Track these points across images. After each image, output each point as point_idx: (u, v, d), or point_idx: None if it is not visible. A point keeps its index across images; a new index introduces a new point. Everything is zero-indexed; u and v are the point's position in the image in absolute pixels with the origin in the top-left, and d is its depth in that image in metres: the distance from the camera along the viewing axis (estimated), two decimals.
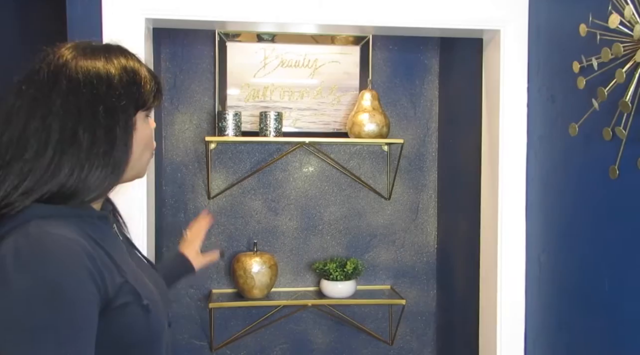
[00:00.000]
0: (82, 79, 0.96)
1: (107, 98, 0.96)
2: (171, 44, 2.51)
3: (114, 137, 0.96)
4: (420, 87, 2.66)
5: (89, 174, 0.95)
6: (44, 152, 0.93)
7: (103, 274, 0.91)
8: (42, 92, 0.95)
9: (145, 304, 0.97)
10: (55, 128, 0.93)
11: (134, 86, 1.00)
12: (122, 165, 0.99)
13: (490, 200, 2.01)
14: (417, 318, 2.70)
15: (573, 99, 1.60)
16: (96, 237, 0.96)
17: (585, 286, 1.57)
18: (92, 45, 1.02)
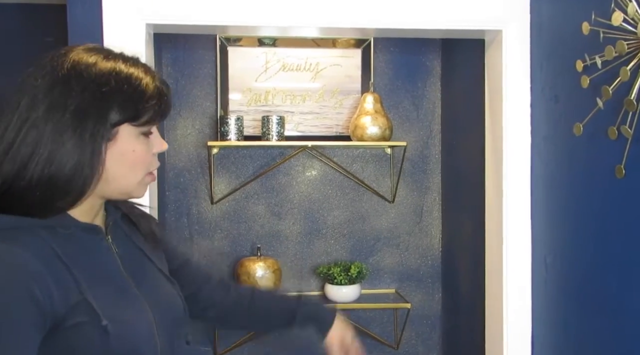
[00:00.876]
0: (65, 71, 0.92)
1: (81, 96, 0.91)
2: (173, 49, 2.51)
3: (79, 137, 0.91)
4: (423, 89, 2.65)
5: (50, 168, 0.90)
6: (8, 132, 0.91)
7: (52, 291, 0.86)
8: (32, 75, 0.93)
9: (103, 325, 0.90)
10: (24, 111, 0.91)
11: (121, 95, 0.94)
12: (90, 170, 0.92)
13: (495, 202, 2.00)
14: (422, 322, 2.69)
15: (577, 98, 1.59)
16: (62, 250, 0.90)
17: (592, 288, 1.56)
18: (107, 50, 0.99)
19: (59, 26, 2.11)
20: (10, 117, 0.91)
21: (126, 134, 0.95)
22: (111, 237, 1.03)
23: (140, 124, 0.96)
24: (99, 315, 0.90)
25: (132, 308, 0.97)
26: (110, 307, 0.92)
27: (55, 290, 0.87)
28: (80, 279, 0.90)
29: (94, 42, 1.73)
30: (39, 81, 0.92)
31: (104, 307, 0.91)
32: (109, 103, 0.93)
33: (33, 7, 2.32)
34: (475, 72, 2.20)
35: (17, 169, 0.89)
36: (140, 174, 0.99)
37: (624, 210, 1.41)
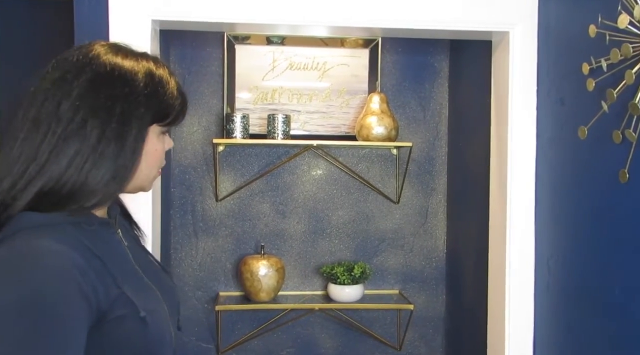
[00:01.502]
0: (106, 75, 0.93)
1: (127, 100, 0.93)
2: (180, 45, 2.51)
3: (123, 141, 0.93)
4: (430, 90, 2.64)
5: (89, 173, 0.91)
6: (49, 136, 0.90)
7: (96, 286, 0.88)
8: (65, 78, 0.93)
9: (142, 316, 0.93)
10: (67, 115, 0.91)
11: (157, 97, 0.97)
12: (126, 173, 0.95)
13: (499, 204, 1.99)
14: (425, 323, 2.68)
15: (582, 101, 1.58)
16: (93, 246, 0.92)
17: (595, 291, 1.54)
18: (127, 48, 1.00)
19: (66, 21, 2.12)
20: (53, 116, 0.91)
21: (153, 134, 0.99)
22: (120, 230, 1.06)
23: (166, 124, 1.01)
24: (137, 307, 0.93)
25: (153, 298, 1.00)
26: (141, 299, 0.95)
27: (98, 285, 0.88)
28: (114, 273, 0.92)
29: (100, 37, 1.75)
30: (75, 84, 0.92)
31: (138, 300, 0.94)
32: (148, 106, 0.96)
33: (40, 3, 2.33)
34: (482, 74, 2.19)
35: (62, 169, 0.90)
36: (156, 170, 1.04)
37: (627, 214, 1.40)
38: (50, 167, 0.90)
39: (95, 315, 0.88)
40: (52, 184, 0.91)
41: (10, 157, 0.91)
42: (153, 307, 0.98)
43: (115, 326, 0.91)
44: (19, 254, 0.85)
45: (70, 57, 0.96)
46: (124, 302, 0.92)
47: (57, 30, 2.32)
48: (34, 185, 0.90)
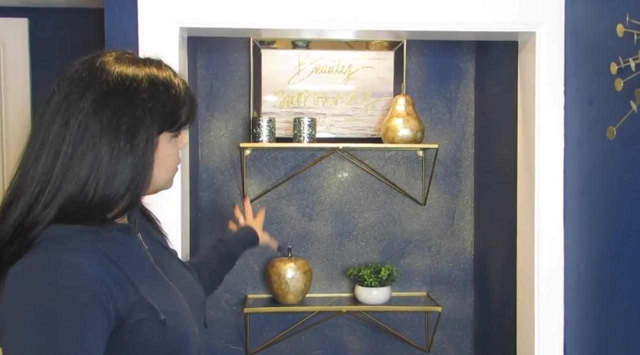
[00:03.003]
0: (110, 92, 0.94)
1: (133, 115, 0.94)
2: (207, 51, 2.55)
3: (133, 154, 0.95)
4: (456, 92, 2.64)
5: (105, 188, 0.93)
6: (61, 157, 0.92)
7: (114, 294, 0.90)
8: (70, 98, 0.94)
9: (162, 319, 0.95)
10: (76, 136, 0.92)
11: (162, 107, 0.98)
12: (141, 183, 0.97)
13: (527, 205, 1.97)
14: (454, 325, 2.66)
15: (611, 101, 1.56)
16: (111, 253, 0.94)
17: (626, 295, 1.53)
18: (131, 56, 1.01)
19: (96, 30, 2.16)
20: (61, 137, 0.92)
21: (164, 141, 1.01)
22: (140, 234, 1.08)
23: (175, 129, 1.02)
24: (157, 311, 0.95)
25: (173, 299, 1.02)
26: (161, 302, 0.97)
27: (116, 293, 0.90)
28: (132, 279, 0.94)
29: (129, 45, 1.79)
30: (81, 105, 0.93)
31: (157, 303, 0.95)
32: (155, 115, 0.97)
33: (71, 12, 2.38)
34: (508, 74, 2.17)
35: (77, 190, 0.92)
36: (173, 172, 1.06)
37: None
38: (67, 188, 0.92)
39: (115, 322, 0.90)
40: (72, 202, 0.92)
41: (25, 179, 0.94)
42: (174, 309, 1.00)
43: (136, 330, 0.93)
44: (38, 265, 0.87)
45: (74, 74, 0.96)
46: (143, 306, 0.94)
47: (89, 38, 2.37)
48: (53, 207, 0.92)
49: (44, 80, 2.42)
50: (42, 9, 2.37)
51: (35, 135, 0.95)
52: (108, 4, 1.82)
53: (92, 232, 0.94)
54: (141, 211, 1.15)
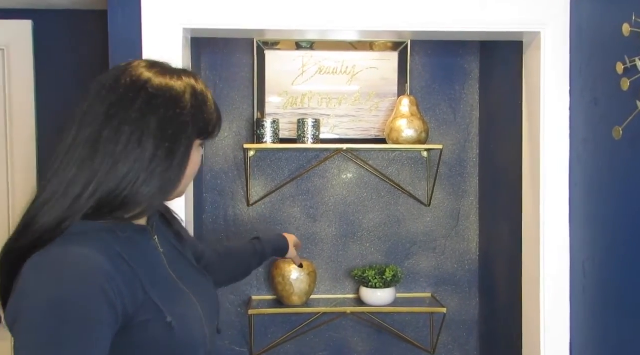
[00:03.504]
0: (159, 99, 1.00)
1: (177, 121, 1.00)
2: (211, 52, 2.55)
3: (172, 158, 1.00)
4: (460, 92, 2.63)
5: (140, 188, 0.98)
6: (107, 158, 0.97)
7: (122, 292, 0.93)
8: (122, 104, 0.99)
9: (168, 321, 0.98)
10: (123, 138, 0.97)
11: (201, 115, 1.04)
12: (173, 185, 1.02)
13: (532, 205, 1.96)
14: (459, 327, 2.66)
15: (617, 101, 1.55)
16: (125, 253, 0.98)
17: (632, 295, 1.52)
18: (169, 66, 1.06)
19: (100, 32, 2.17)
20: (108, 142, 0.97)
21: (195, 147, 1.06)
22: (157, 236, 1.11)
23: (205, 138, 1.08)
24: (164, 313, 0.98)
25: (185, 303, 1.05)
26: (169, 304, 1.00)
27: (125, 291, 0.94)
28: (143, 279, 0.98)
29: (133, 46, 1.79)
30: (132, 109, 0.98)
31: (165, 305, 0.99)
32: (194, 124, 1.03)
33: (75, 13, 2.38)
34: (513, 75, 2.17)
35: (112, 189, 0.97)
36: (192, 179, 1.11)
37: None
38: (108, 185, 0.97)
39: (122, 319, 0.93)
40: (104, 197, 0.97)
41: (65, 177, 0.97)
42: (183, 311, 1.03)
43: (142, 330, 0.96)
44: (52, 259, 0.92)
45: (121, 80, 1.01)
46: (150, 307, 0.97)
47: (93, 40, 2.37)
48: (91, 202, 0.96)
49: (48, 81, 2.43)
50: (46, 11, 2.37)
51: (77, 137, 0.99)
52: (112, 5, 1.82)
53: (109, 231, 0.98)
54: (162, 216, 1.19)
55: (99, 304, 0.90)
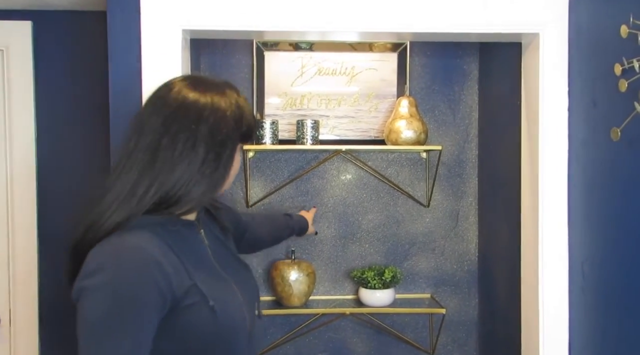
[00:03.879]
0: (207, 112, 1.15)
1: (223, 130, 1.15)
2: (210, 53, 2.55)
3: (220, 160, 1.15)
4: (460, 93, 2.63)
5: (193, 186, 1.13)
6: (167, 163, 1.12)
7: (170, 279, 1.08)
8: (175, 115, 1.14)
9: (211, 305, 1.12)
10: (180, 146, 1.12)
11: (242, 122, 1.19)
12: (219, 185, 1.18)
13: (531, 207, 1.97)
14: (458, 327, 2.66)
15: (615, 102, 1.56)
16: (173, 244, 1.13)
17: (631, 296, 1.52)
18: (210, 82, 1.21)
19: (100, 32, 2.17)
20: (168, 149, 1.12)
21: (237, 151, 1.22)
22: (203, 230, 1.26)
23: (245, 142, 1.24)
24: (207, 297, 1.12)
25: (226, 290, 1.19)
26: (212, 290, 1.14)
27: (173, 278, 1.08)
28: (188, 267, 1.13)
29: (132, 48, 1.79)
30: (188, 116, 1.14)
31: (208, 291, 1.13)
32: (238, 132, 1.19)
33: (74, 14, 2.38)
34: (512, 76, 2.17)
35: (169, 189, 1.13)
36: (233, 179, 1.25)
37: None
38: (166, 186, 1.13)
39: (169, 304, 1.08)
40: (163, 196, 1.13)
41: (129, 179, 1.13)
42: (224, 297, 1.17)
43: (187, 313, 1.10)
44: (112, 247, 1.08)
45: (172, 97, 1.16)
46: (195, 292, 1.11)
47: (92, 41, 2.37)
48: (153, 200, 1.13)
49: (48, 82, 2.43)
50: (45, 12, 2.37)
51: (139, 144, 1.14)
52: (111, 6, 1.82)
53: (161, 225, 1.14)
54: (207, 211, 1.36)
55: (149, 289, 1.04)
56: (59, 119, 2.41)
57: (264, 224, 1.86)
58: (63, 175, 2.41)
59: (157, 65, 1.81)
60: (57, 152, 2.42)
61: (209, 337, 1.13)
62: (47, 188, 2.41)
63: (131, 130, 1.17)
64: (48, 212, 2.41)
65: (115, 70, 1.83)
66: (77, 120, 2.41)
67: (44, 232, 2.42)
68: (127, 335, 1.03)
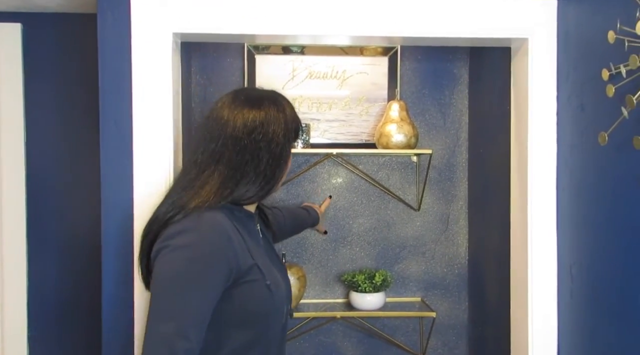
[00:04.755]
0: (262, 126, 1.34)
1: (282, 140, 1.35)
2: (201, 57, 2.55)
3: (277, 162, 1.35)
4: (450, 97, 2.64)
5: (259, 185, 1.34)
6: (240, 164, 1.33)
7: (237, 253, 1.26)
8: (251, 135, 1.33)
9: (268, 283, 1.30)
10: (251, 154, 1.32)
11: (294, 128, 1.40)
12: (277, 183, 1.38)
13: (520, 210, 1.98)
14: (448, 331, 2.66)
15: (603, 107, 1.57)
16: (239, 227, 1.31)
17: (618, 299, 1.53)
18: (256, 96, 1.39)
19: (90, 35, 2.17)
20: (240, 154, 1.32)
21: (290, 152, 1.41)
22: (258, 224, 1.46)
23: (296, 139, 1.43)
24: (265, 276, 1.30)
25: (275, 275, 1.37)
26: (268, 273, 1.33)
27: (239, 253, 1.26)
28: (251, 248, 1.31)
29: (122, 51, 1.79)
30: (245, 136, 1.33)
31: (266, 272, 1.31)
32: (290, 137, 1.40)
33: (65, 17, 2.38)
34: (502, 80, 2.18)
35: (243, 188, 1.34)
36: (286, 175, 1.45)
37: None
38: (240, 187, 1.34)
39: (235, 274, 1.25)
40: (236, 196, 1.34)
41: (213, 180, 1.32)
42: (276, 280, 1.35)
43: (248, 288, 1.27)
44: (191, 218, 1.26)
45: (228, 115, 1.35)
46: (256, 270, 1.29)
47: (82, 43, 2.37)
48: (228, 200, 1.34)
49: (37, 84, 2.42)
50: (35, 14, 2.36)
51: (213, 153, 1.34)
52: (101, 9, 1.82)
53: (230, 210, 1.34)
54: (261, 211, 1.55)
55: (220, 257, 1.22)
56: (49, 120, 2.40)
57: (288, 218, 2.03)
58: (53, 177, 2.41)
59: (147, 68, 1.80)
60: (47, 154, 2.41)
61: (262, 311, 1.30)
62: (37, 190, 2.40)
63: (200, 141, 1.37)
64: (38, 213, 2.40)
65: (105, 73, 1.82)
66: (66, 121, 2.41)
67: (34, 234, 2.40)
68: (196, 295, 1.19)
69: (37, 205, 2.40)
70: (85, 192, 2.40)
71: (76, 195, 2.42)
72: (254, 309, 1.29)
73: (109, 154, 1.83)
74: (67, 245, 2.43)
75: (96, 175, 1.85)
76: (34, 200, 2.40)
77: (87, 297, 2.40)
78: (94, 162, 1.98)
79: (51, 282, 2.42)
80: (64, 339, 2.40)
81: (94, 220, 2.04)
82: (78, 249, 2.42)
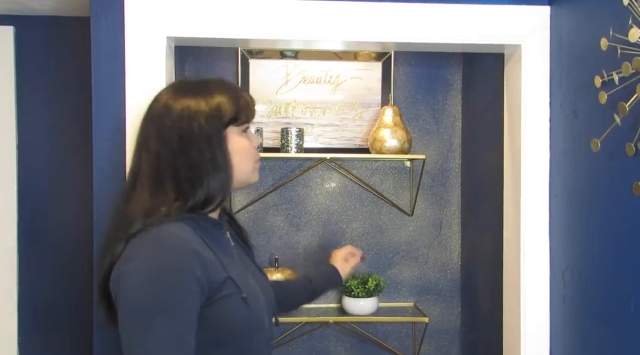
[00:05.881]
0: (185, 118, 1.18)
1: (203, 128, 1.17)
2: (195, 61, 2.54)
3: (213, 153, 1.18)
4: (443, 103, 2.65)
5: (208, 184, 1.17)
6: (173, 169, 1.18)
7: (207, 269, 1.10)
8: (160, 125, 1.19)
9: (244, 296, 1.15)
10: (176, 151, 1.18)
11: (219, 112, 1.19)
12: (227, 173, 1.19)
13: (513, 216, 1.98)
14: (441, 336, 2.66)
15: (595, 114, 1.58)
16: (206, 239, 1.16)
17: (610, 304, 1.53)
18: (187, 84, 1.25)
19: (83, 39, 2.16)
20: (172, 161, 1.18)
21: (232, 134, 1.22)
22: (228, 232, 1.31)
23: (238, 124, 1.23)
24: (240, 289, 1.16)
25: (252, 286, 1.22)
26: (243, 285, 1.18)
27: (209, 268, 1.11)
28: (222, 261, 1.16)
29: (115, 55, 1.79)
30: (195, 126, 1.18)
31: (241, 284, 1.17)
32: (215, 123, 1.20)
33: (58, 20, 2.37)
34: (495, 86, 2.19)
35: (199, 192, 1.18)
36: (251, 164, 1.26)
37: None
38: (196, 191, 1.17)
39: (207, 292, 1.10)
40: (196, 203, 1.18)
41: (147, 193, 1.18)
42: (253, 292, 1.20)
43: (223, 303, 1.13)
44: (152, 234, 1.11)
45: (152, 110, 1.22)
46: (230, 284, 1.14)
47: (75, 47, 2.36)
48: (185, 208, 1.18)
49: (30, 87, 2.41)
50: (28, 17, 2.35)
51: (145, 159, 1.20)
52: (94, 12, 1.81)
53: (194, 221, 1.17)
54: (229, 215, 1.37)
55: (189, 276, 1.06)
56: (41, 124, 2.39)
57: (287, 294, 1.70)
58: (45, 181, 2.40)
59: (140, 72, 1.80)
60: (39, 158, 2.40)
61: (240, 327, 1.16)
62: (29, 193, 2.39)
63: (136, 146, 1.24)
64: (29, 218, 2.39)
65: (98, 77, 1.82)
66: (59, 125, 2.40)
67: (25, 239, 2.39)
68: (169, 320, 1.04)
69: (28, 209, 2.39)
70: (78, 197, 2.38)
71: (68, 200, 2.41)
72: (232, 325, 1.15)
73: (101, 157, 1.82)
74: (58, 251, 2.41)
75: (89, 179, 1.84)
76: (26, 204, 2.39)
77: (79, 302, 2.38)
78: (87, 165, 1.97)
79: (42, 288, 2.40)
80: (54, 346, 2.39)
81: (86, 227, 2.03)
82: (70, 254, 2.41)
